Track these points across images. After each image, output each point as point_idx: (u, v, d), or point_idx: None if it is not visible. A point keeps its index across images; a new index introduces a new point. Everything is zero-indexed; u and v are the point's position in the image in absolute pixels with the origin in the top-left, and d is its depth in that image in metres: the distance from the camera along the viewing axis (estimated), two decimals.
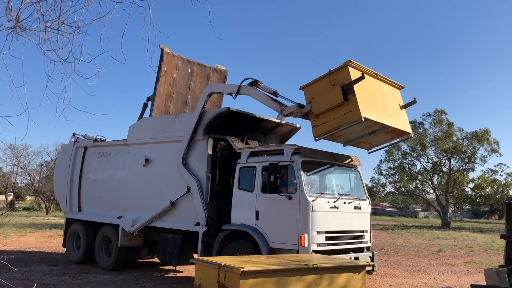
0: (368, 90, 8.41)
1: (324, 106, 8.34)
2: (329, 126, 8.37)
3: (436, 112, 45.80)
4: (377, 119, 8.34)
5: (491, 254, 18.50)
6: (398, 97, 9.44)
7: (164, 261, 10.50)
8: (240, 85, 9.49)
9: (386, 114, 8.68)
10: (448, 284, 10.81)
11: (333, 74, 8.30)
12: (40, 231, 22.55)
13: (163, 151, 10.87)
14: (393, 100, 9.13)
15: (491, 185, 49.86)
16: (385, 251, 18.35)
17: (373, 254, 9.46)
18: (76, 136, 13.48)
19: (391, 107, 8.93)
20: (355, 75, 8.13)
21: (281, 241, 8.45)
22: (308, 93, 8.69)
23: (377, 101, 8.60)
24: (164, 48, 11.48)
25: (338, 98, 8.10)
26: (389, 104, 8.93)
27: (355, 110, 7.96)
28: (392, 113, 8.88)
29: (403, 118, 9.23)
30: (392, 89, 9.37)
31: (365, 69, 8.60)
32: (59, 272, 11.26)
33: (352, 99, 8.01)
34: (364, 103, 8.12)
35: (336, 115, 8.22)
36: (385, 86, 9.12)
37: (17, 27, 4.01)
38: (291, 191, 8.63)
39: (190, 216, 9.88)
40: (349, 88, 8.03)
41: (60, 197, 13.91)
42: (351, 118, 8.02)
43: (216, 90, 10.29)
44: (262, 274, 5.42)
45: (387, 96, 9.00)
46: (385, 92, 9.03)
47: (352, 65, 8.29)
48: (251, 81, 9.39)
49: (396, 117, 8.95)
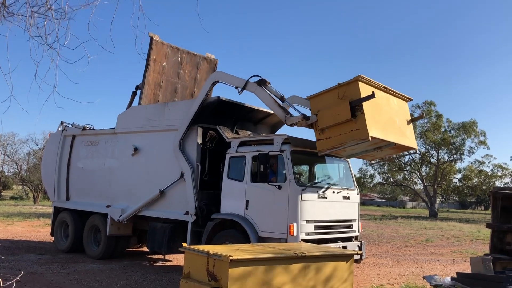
0: (377, 105, 8.13)
1: (331, 121, 8.07)
2: (334, 142, 8.13)
3: (425, 103, 46.16)
4: (384, 137, 8.12)
5: (477, 244, 18.79)
6: (405, 111, 9.26)
7: (153, 250, 10.49)
8: (247, 80, 9.17)
9: (393, 131, 8.48)
10: (435, 272, 10.95)
11: (342, 88, 8.05)
12: (27, 220, 22.38)
13: (152, 140, 10.81)
14: (401, 115, 8.93)
15: (477, 176, 50.51)
16: (373, 241, 18.53)
17: (361, 243, 9.53)
18: (64, 124, 13.35)
19: (398, 123, 8.72)
20: (365, 91, 7.90)
21: (270, 230, 8.48)
22: (314, 104, 8.45)
23: (385, 117, 8.38)
24: (153, 36, 11.36)
25: (345, 114, 7.84)
26: (397, 119, 8.72)
27: (362, 128, 7.72)
28: (399, 129, 8.68)
29: (409, 133, 9.04)
30: (400, 102, 9.15)
31: (375, 83, 8.37)
32: (47, 261, 11.20)
33: (360, 116, 7.76)
34: (372, 120, 7.88)
35: (343, 131, 7.96)
36: (393, 100, 8.90)
37: (4, 12, 3.93)
38: (280, 180, 8.64)
39: (180, 205, 9.86)
40: (358, 104, 7.79)
41: (48, 186, 13.80)
42: (358, 136, 7.80)
43: (221, 80, 9.80)
44: (251, 263, 5.43)
45: (395, 111, 8.79)
46: (393, 106, 8.82)
47: (362, 80, 8.02)
48: (259, 80, 9.06)
49: (402, 132, 8.76)
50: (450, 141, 45.55)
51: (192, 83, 12.74)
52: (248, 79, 9.16)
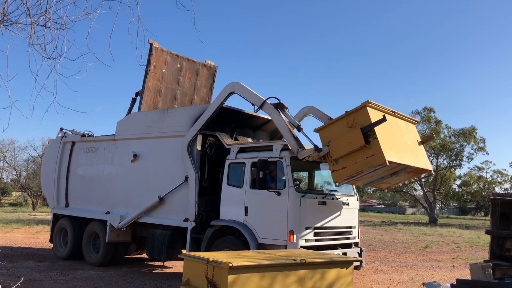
0: (388, 130, 8.03)
1: (344, 150, 7.91)
2: (351, 171, 7.93)
3: (424, 110, 46.24)
4: (400, 160, 8.01)
5: (476, 250, 18.75)
6: (414, 133, 9.22)
7: (152, 256, 10.47)
8: (265, 100, 8.95)
9: (407, 154, 8.39)
10: (435, 279, 10.93)
11: (351, 116, 7.95)
12: (26, 226, 22.32)
13: (152, 146, 10.82)
14: (411, 137, 8.87)
15: (477, 182, 50.52)
16: (372, 247, 18.49)
17: (360, 249, 9.53)
18: (63, 131, 13.37)
19: (410, 145, 8.64)
20: (374, 116, 7.81)
21: (270, 237, 8.48)
22: (324, 135, 8.29)
23: (397, 141, 8.29)
24: (153, 43, 11.40)
25: (359, 141, 7.70)
26: (408, 142, 8.65)
27: (378, 154, 7.57)
28: (413, 152, 8.62)
29: (422, 155, 8.98)
30: (408, 125, 9.11)
31: (383, 108, 8.33)
32: (46, 268, 11.17)
33: (374, 142, 7.62)
34: (386, 145, 7.76)
35: (358, 159, 7.79)
36: (401, 123, 8.83)
37: (3, 21, 3.95)
38: (279, 187, 8.64)
39: (179, 212, 9.85)
40: (370, 130, 7.67)
41: (47, 192, 13.79)
42: (374, 162, 7.64)
43: (238, 92, 9.43)
44: (250, 270, 5.43)
45: (405, 134, 8.73)
46: (403, 129, 8.75)
47: (370, 106, 7.97)
48: (277, 103, 8.81)
49: (416, 155, 8.70)
50: (449, 147, 45.61)
51: (191, 89, 12.78)
52: (266, 99, 8.95)
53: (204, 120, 9.64)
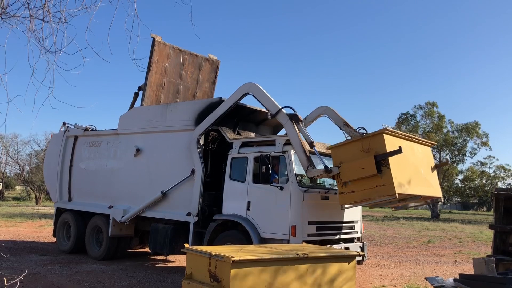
0: (402, 157, 7.77)
1: (355, 175, 7.78)
2: (358, 197, 7.86)
3: (427, 104, 46.09)
4: (410, 191, 7.89)
5: (479, 245, 18.73)
6: (430, 157, 9.12)
7: (155, 251, 10.49)
8: (281, 109, 8.71)
9: (419, 182, 8.27)
10: (437, 274, 10.93)
11: (366, 140, 7.80)
12: (30, 221, 22.41)
13: (154, 140, 10.82)
14: (425, 163, 8.75)
15: (480, 177, 50.40)
16: (375, 242, 18.50)
17: (363, 244, 9.52)
18: (66, 125, 13.38)
19: (423, 172, 8.51)
20: (390, 144, 7.66)
21: (272, 231, 8.48)
22: (336, 155, 8.16)
23: (410, 169, 8.14)
24: (155, 37, 11.38)
25: (371, 169, 7.55)
26: (422, 169, 8.51)
27: (389, 185, 7.43)
28: (425, 179, 8.50)
29: (434, 181, 8.87)
30: (424, 149, 8.99)
31: (400, 134, 8.21)
32: (49, 261, 11.22)
33: (386, 172, 7.47)
34: (398, 175, 7.60)
35: (367, 186, 7.68)
36: (417, 147, 8.72)
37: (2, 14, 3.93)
38: (282, 181, 8.63)
39: (182, 206, 9.86)
40: (384, 159, 7.53)
41: (50, 186, 13.82)
42: (384, 192, 7.52)
43: (253, 93, 9.21)
44: (253, 264, 5.43)
45: (420, 159, 8.61)
46: (418, 154, 8.61)
47: (387, 133, 7.84)
48: (293, 114, 8.60)
49: (427, 182, 8.59)
50: (452, 142, 45.46)
51: (194, 84, 12.76)
52: (282, 108, 8.71)
53: (217, 115, 9.51)
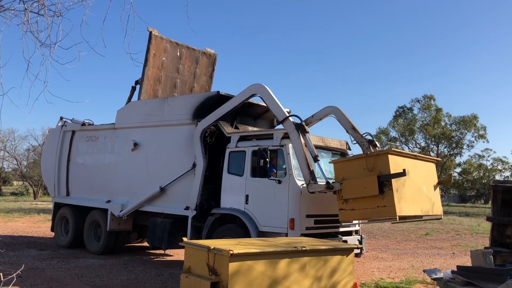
0: (405, 178, 7.67)
1: (356, 193, 7.72)
2: (358, 215, 7.88)
3: (425, 97, 46.09)
4: (411, 212, 7.85)
5: (476, 238, 18.81)
6: (433, 174, 9.01)
7: (154, 245, 10.50)
8: (288, 117, 8.58)
9: (421, 201, 8.23)
10: (435, 266, 10.97)
11: (371, 159, 7.71)
12: (28, 216, 22.40)
13: (152, 135, 10.79)
14: (428, 181, 8.67)
15: (477, 170, 50.54)
16: (373, 235, 18.56)
17: (361, 237, 9.55)
18: (63, 120, 13.34)
19: (426, 191, 8.45)
20: (394, 165, 7.58)
21: (271, 225, 8.49)
22: (339, 170, 8.11)
23: (413, 189, 8.03)
24: (152, 31, 11.32)
25: (373, 189, 7.47)
26: (424, 187, 8.43)
27: (390, 207, 7.37)
28: (426, 197, 8.44)
29: (436, 199, 8.81)
30: (428, 166, 8.90)
31: (405, 153, 8.12)
32: (47, 256, 11.22)
33: (388, 193, 7.40)
34: (401, 197, 7.54)
35: (368, 205, 7.62)
36: (421, 165, 8.63)
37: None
38: (280, 175, 8.63)
39: (180, 200, 9.86)
40: (387, 180, 7.47)
41: (48, 181, 13.81)
42: (385, 214, 7.48)
43: (262, 97, 9.12)
44: (251, 257, 5.43)
45: (423, 177, 8.52)
46: (421, 172, 8.52)
47: (392, 153, 7.79)
48: (300, 124, 8.48)
49: (429, 200, 8.54)
50: (450, 135, 45.53)
51: (191, 78, 12.71)
52: (289, 116, 8.61)
53: (224, 111, 9.46)
